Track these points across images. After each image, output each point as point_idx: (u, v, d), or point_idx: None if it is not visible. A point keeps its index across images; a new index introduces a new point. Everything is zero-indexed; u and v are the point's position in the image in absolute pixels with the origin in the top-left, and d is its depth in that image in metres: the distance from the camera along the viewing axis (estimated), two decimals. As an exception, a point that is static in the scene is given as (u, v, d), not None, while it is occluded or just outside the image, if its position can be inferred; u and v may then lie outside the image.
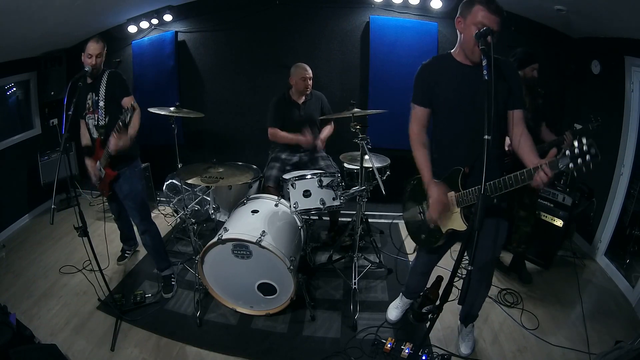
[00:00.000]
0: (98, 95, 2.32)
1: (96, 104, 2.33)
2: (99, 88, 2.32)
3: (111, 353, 2.18)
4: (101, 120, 2.34)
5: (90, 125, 2.41)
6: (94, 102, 2.33)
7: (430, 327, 1.58)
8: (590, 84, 3.21)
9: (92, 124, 2.39)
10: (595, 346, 2.15)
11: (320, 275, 2.86)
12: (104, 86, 2.32)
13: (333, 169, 2.99)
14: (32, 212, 3.88)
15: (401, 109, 3.50)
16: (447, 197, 1.69)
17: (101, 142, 2.38)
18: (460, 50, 1.66)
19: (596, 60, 3.05)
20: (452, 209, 1.72)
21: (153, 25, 3.87)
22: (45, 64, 3.76)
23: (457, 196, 1.68)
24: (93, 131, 2.43)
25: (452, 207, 1.71)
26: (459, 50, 1.68)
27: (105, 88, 2.32)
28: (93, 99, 2.34)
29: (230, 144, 4.19)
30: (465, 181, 1.67)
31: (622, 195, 2.86)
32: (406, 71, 3.56)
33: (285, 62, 3.42)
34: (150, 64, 4.00)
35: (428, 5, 3.43)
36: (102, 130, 2.35)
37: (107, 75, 2.35)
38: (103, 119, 2.34)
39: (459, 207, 1.69)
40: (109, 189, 2.51)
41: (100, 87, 2.31)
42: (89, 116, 2.40)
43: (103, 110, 2.32)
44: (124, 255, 3.08)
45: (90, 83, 2.36)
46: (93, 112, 2.36)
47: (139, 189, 2.55)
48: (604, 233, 3.01)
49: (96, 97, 2.33)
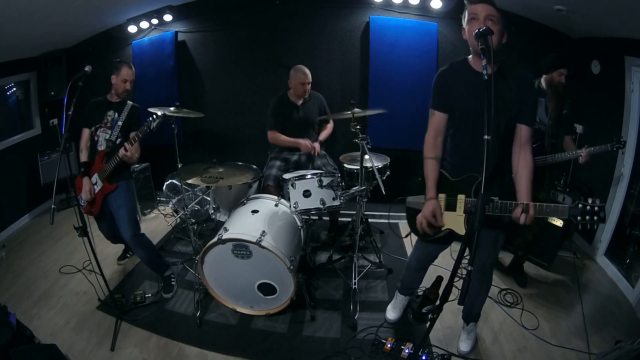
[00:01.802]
0: (119, 118, 2.50)
1: (115, 122, 2.49)
2: (122, 112, 2.51)
3: (111, 353, 2.18)
4: (114, 136, 2.49)
5: (102, 139, 2.50)
6: (114, 119, 2.50)
7: (430, 327, 1.58)
8: (590, 84, 3.21)
9: (103, 137, 2.49)
10: (595, 346, 2.15)
11: (320, 275, 2.86)
12: (125, 114, 2.51)
13: (330, 167, 3.00)
14: (32, 212, 3.88)
15: (401, 109, 3.55)
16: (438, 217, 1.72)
17: (105, 155, 2.47)
18: (474, 56, 1.68)
19: (596, 60, 3.05)
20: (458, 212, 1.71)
21: (153, 25, 3.86)
22: (45, 64, 3.76)
23: (467, 202, 1.69)
24: (102, 143, 2.49)
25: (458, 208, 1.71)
26: (473, 57, 1.69)
27: (127, 117, 2.51)
28: (114, 117, 2.50)
29: (230, 144, 4.19)
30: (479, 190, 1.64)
31: (622, 195, 2.87)
32: (406, 71, 3.58)
33: (285, 62, 3.43)
34: (150, 64, 3.99)
35: (428, 5, 3.43)
36: (110, 145, 2.48)
37: (130, 107, 2.54)
38: (116, 137, 2.49)
39: (465, 212, 1.69)
40: (100, 205, 2.51)
41: (122, 112, 2.51)
42: (103, 129, 2.49)
43: (119, 130, 2.48)
44: (125, 255, 3.08)
45: (114, 102, 2.54)
46: (110, 128, 2.50)
47: (133, 201, 2.68)
48: (604, 233, 3.01)
49: (117, 117, 2.50)
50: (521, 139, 1.67)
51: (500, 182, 1.72)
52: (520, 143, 1.67)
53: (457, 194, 1.73)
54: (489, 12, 1.55)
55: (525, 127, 1.66)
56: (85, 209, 2.55)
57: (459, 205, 1.71)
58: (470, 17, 1.58)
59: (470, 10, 1.58)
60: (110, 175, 2.45)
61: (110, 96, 2.55)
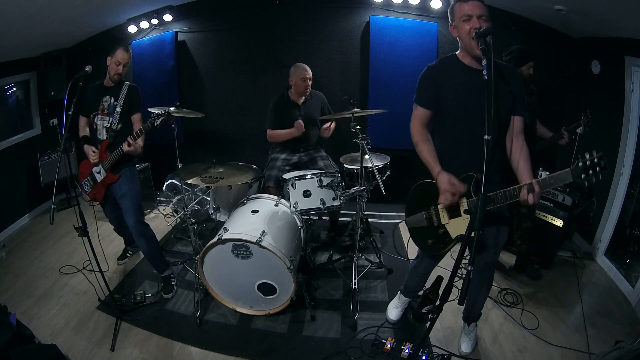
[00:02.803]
0: (117, 101, 2.44)
1: (113, 108, 2.44)
2: (118, 95, 2.44)
3: (111, 353, 2.18)
4: (114, 124, 2.44)
5: (100, 127, 2.47)
6: (111, 105, 2.44)
7: (430, 327, 1.58)
8: (590, 84, 3.22)
9: (102, 125, 2.46)
10: (595, 346, 2.15)
11: (320, 275, 2.86)
12: (123, 96, 2.45)
13: (332, 168, 2.99)
14: (32, 212, 3.88)
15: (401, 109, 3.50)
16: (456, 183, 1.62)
17: (108, 145, 2.45)
18: (464, 53, 1.66)
19: (596, 60, 3.05)
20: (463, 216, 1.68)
21: (153, 25, 3.87)
22: (45, 64, 3.76)
23: (469, 203, 1.64)
24: (102, 132, 2.47)
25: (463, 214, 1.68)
26: (463, 53, 1.68)
27: (125, 98, 2.45)
28: (111, 102, 2.45)
29: (230, 144, 4.19)
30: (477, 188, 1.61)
31: (622, 195, 2.86)
32: (406, 71, 3.58)
33: (285, 62, 3.43)
34: (150, 64, 4.00)
35: (428, 5, 3.43)
36: (112, 134, 2.45)
37: (127, 87, 2.48)
38: (116, 124, 2.44)
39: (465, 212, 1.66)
40: (104, 192, 2.52)
41: (120, 95, 2.45)
42: (100, 117, 2.46)
43: (119, 115, 2.43)
44: (125, 255, 3.08)
45: (110, 87, 2.47)
46: (108, 114, 2.45)
47: (137, 188, 2.62)
48: (604, 233, 3.01)
49: (115, 102, 2.44)
50: (514, 129, 1.67)
51: (499, 179, 1.71)
52: (513, 133, 1.67)
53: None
54: (481, 10, 1.54)
55: (518, 117, 1.68)
56: (89, 196, 2.57)
57: (462, 209, 1.67)
58: (461, 17, 1.57)
59: (461, 10, 1.57)
60: (113, 166, 2.44)
61: (106, 81, 2.50)
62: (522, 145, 1.67)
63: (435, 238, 1.82)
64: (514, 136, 1.67)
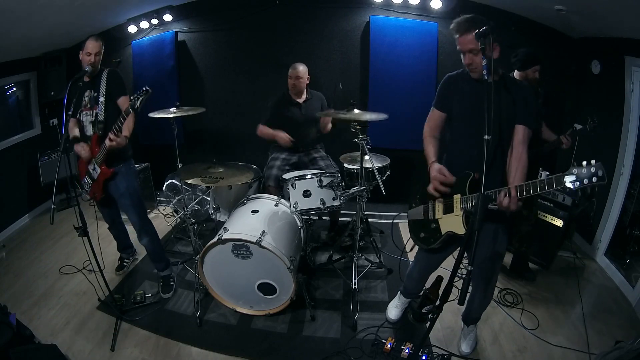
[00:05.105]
0: (98, 91, 2.35)
1: (95, 100, 2.35)
2: (99, 85, 2.35)
3: (111, 353, 2.18)
4: (100, 115, 2.35)
5: (86, 122, 2.40)
6: (92, 98, 2.36)
7: (430, 327, 1.58)
8: (590, 84, 3.21)
9: (88, 121, 2.39)
10: (595, 346, 2.15)
11: (320, 275, 2.86)
12: (104, 83, 2.35)
13: (333, 168, 2.99)
14: (32, 212, 3.88)
15: (401, 109, 3.55)
16: (446, 173, 1.75)
17: (98, 138, 2.35)
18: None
19: (596, 60, 3.05)
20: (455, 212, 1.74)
21: (153, 25, 3.86)
22: (45, 64, 3.75)
23: (462, 199, 1.71)
24: (88, 128, 2.40)
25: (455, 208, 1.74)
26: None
27: (106, 85, 2.36)
28: (92, 95, 2.36)
29: (230, 144, 4.19)
30: (473, 186, 1.70)
31: (622, 195, 2.86)
32: (406, 71, 3.58)
33: (285, 62, 3.42)
34: (150, 64, 3.99)
35: (428, 5, 3.43)
36: (100, 126, 2.35)
37: (106, 73, 2.39)
38: (102, 114, 2.35)
39: (462, 210, 1.71)
40: (102, 190, 2.46)
41: (100, 84, 2.35)
42: (84, 112, 2.39)
43: (103, 105, 2.35)
44: (122, 265, 2.98)
45: (88, 81, 2.39)
46: (91, 108, 2.37)
47: (136, 186, 2.58)
48: (604, 233, 3.01)
49: (95, 94, 2.35)
50: (515, 138, 1.71)
51: (500, 181, 1.73)
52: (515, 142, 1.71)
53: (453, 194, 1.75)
54: (472, 45, 1.61)
55: (520, 127, 1.71)
56: (89, 194, 2.53)
57: (456, 205, 1.74)
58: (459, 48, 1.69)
59: (457, 42, 1.68)
60: (107, 160, 2.36)
61: (85, 78, 2.38)
62: (520, 155, 1.69)
63: (427, 232, 1.93)
64: (514, 145, 1.71)
